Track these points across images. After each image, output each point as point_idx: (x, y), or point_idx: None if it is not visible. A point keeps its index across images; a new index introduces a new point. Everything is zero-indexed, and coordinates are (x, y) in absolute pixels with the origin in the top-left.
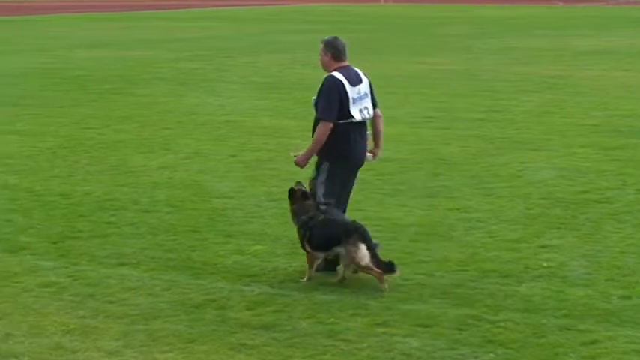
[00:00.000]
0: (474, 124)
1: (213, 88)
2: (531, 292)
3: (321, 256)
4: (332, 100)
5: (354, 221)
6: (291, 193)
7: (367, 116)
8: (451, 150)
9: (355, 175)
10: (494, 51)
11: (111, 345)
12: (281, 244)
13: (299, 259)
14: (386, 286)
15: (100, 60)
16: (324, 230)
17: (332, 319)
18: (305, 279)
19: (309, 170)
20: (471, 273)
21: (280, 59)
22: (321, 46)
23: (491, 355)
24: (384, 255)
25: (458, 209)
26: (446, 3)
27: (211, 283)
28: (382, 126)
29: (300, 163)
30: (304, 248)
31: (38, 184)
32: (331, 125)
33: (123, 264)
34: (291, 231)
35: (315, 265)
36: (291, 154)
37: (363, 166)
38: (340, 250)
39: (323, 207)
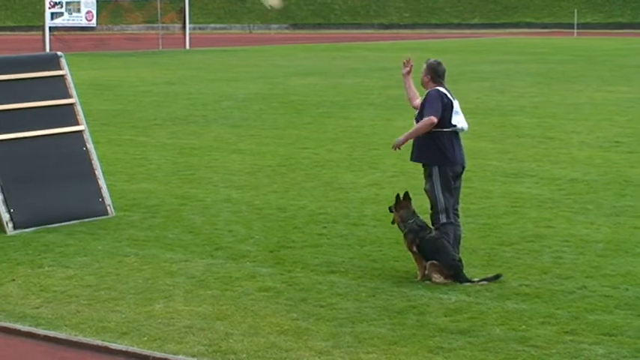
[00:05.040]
0: None
1: None
2: None
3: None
4: (437, 105)
5: (459, 259)
6: (396, 201)
7: (464, 128)
8: (638, 172)
9: (460, 180)
10: None
11: (320, 345)
12: (477, 256)
13: (494, 270)
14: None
15: (314, 87)
16: (432, 246)
17: (523, 327)
18: (419, 278)
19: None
20: None
21: (479, 87)
22: (424, 66)
23: None
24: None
25: None
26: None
27: (412, 290)
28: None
29: (399, 143)
30: (411, 250)
31: (258, 199)
32: (435, 121)
33: (333, 272)
34: (487, 244)
35: (423, 265)
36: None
37: (554, 187)
38: (434, 262)
39: (442, 224)
